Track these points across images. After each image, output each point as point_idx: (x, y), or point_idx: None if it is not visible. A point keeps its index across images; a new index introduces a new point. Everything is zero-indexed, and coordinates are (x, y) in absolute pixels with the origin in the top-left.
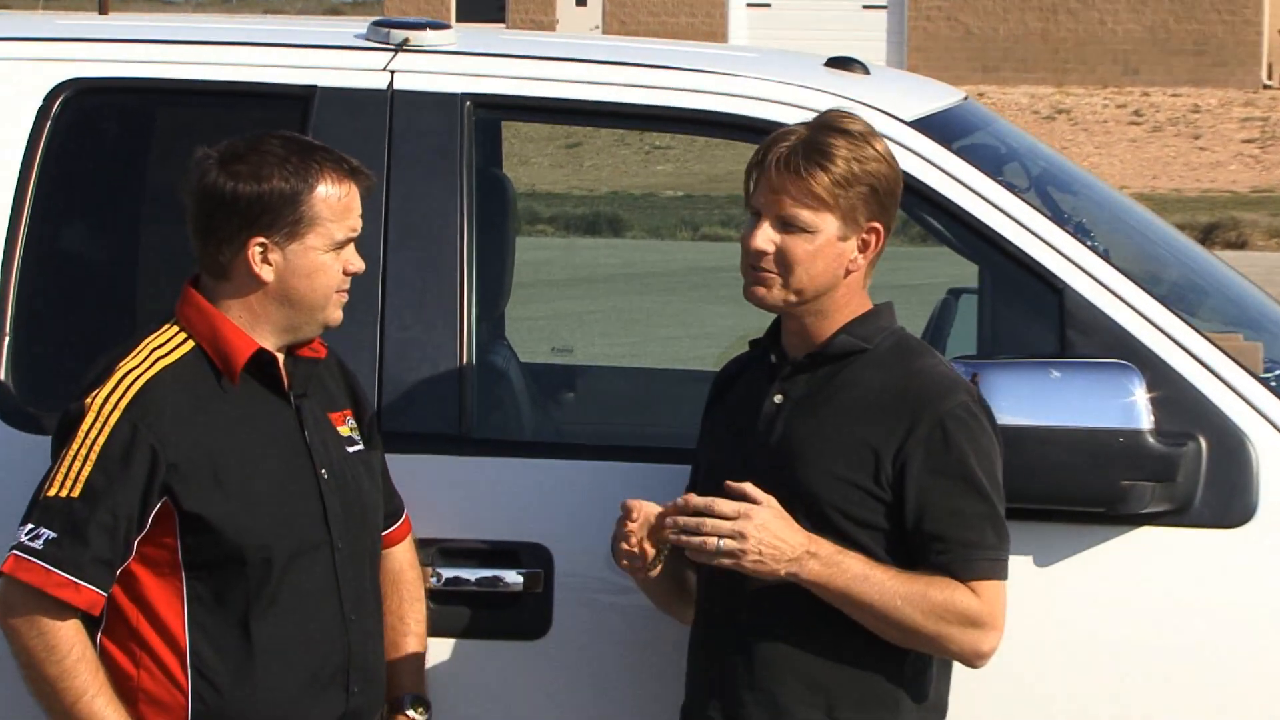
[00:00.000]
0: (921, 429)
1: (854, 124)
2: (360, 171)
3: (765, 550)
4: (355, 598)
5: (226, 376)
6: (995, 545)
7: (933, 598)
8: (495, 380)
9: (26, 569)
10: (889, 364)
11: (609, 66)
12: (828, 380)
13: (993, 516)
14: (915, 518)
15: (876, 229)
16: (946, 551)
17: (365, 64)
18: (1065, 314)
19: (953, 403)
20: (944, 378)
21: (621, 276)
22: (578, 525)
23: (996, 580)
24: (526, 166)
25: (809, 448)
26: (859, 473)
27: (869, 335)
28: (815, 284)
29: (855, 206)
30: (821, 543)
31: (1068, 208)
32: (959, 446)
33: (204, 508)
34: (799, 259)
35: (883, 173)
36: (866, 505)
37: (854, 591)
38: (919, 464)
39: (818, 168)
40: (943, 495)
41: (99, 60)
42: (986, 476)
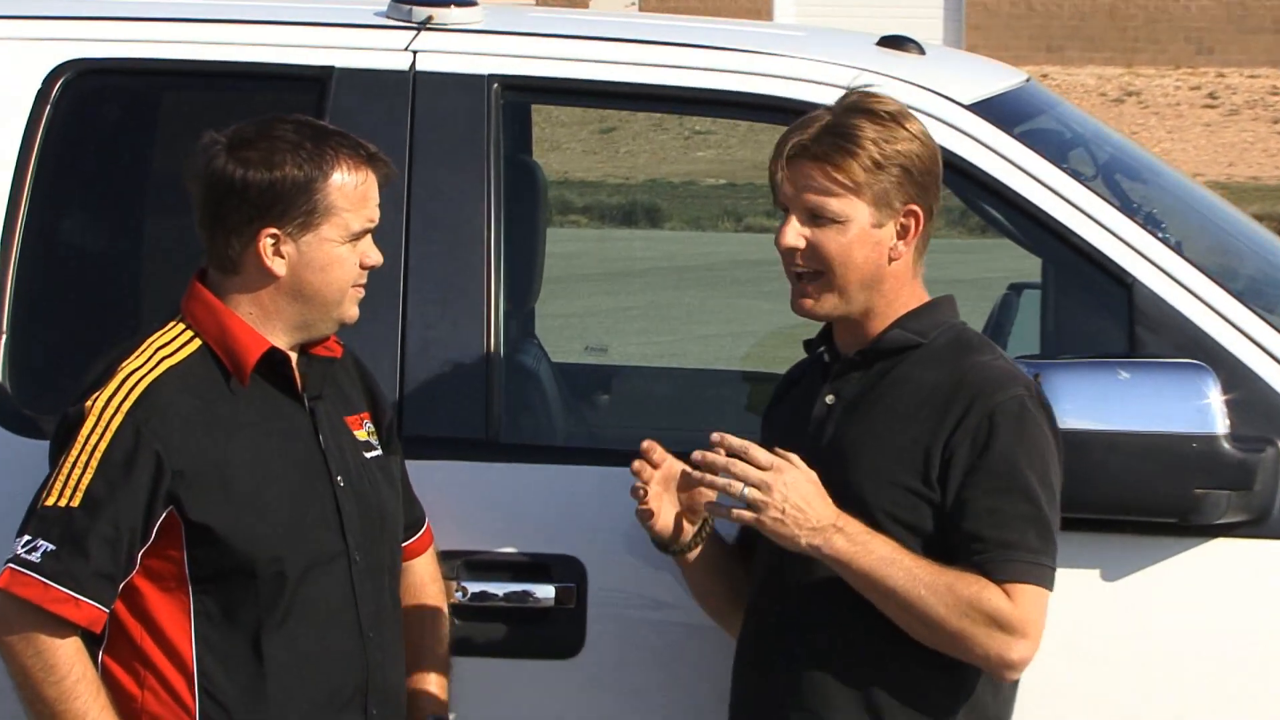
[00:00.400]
0: (969, 422)
1: (881, 104)
2: (378, 158)
3: (789, 511)
4: (374, 613)
5: (236, 377)
6: (1037, 549)
7: (959, 591)
8: (524, 381)
9: (23, 583)
10: (944, 360)
11: (646, 46)
12: (880, 378)
13: (1037, 519)
14: (954, 515)
15: (915, 211)
16: (982, 550)
17: (386, 43)
18: (1134, 311)
19: (1004, 396)
20: (999, 371)
21: (659, 270)
22: (613, 536)
23: (1034, 586)
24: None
25: (860, 450)
26: (909, 474)
27: (924, 330)
28: (859, 278)
29: (888, 190)
30: (851, 521)
31: (1137, 197)
32: (1006, 441)
33: (212, 517)
34: (833, 253)
35: (915, 152)
36: (917, 509)
37: (878, 574)
38: (963, 458)
39: (842, 152)
40: (983, 492)
41: (101, 40)
42: (1036, 477)
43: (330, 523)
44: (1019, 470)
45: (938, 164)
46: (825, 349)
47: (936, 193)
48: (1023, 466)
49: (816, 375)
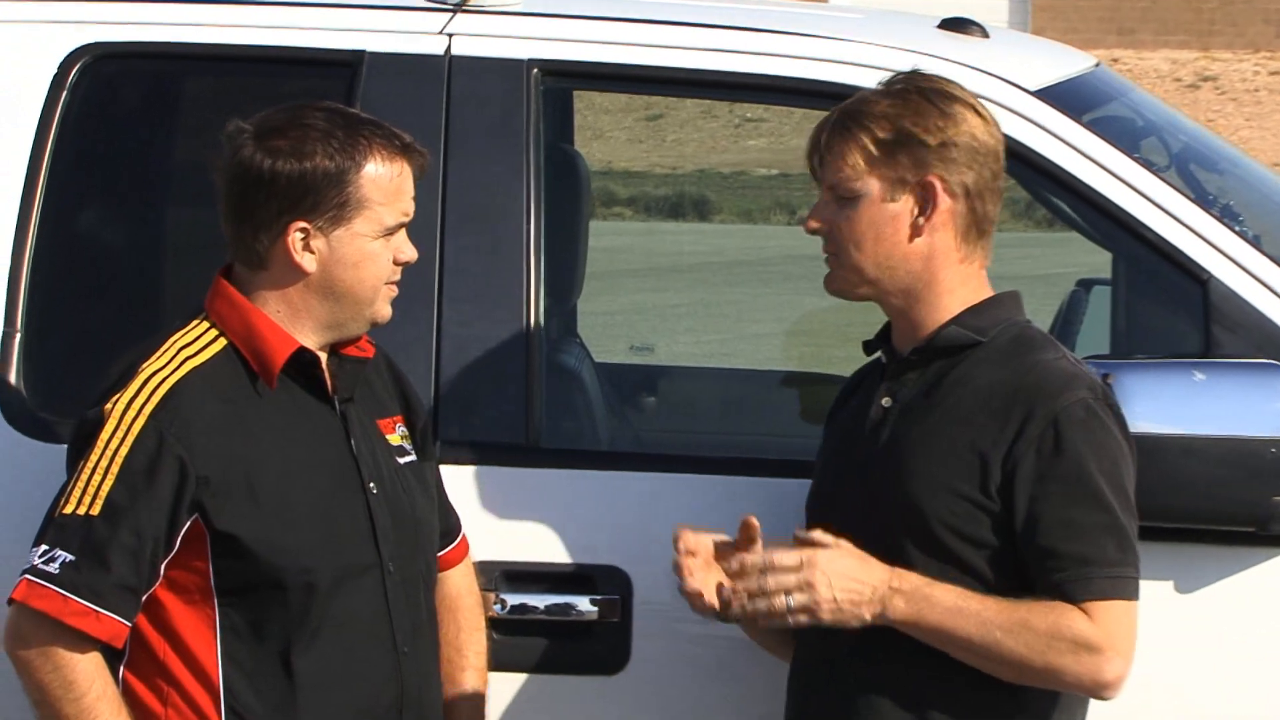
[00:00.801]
0: (1033, 429)
1: (919, 82)
2: (413, 148)
3: (841, 597)
4: (409, 627)
5: (263, 379)
6: (1118, 561)
7: (1036, 626)
8: (566, 383)
9: (41, 596)
10: (1005, 360)
11: (694, 28)
12: (939, 379)
13: (1114, 528)
14: (1026, 531)
15: (930, 183)
16: (1060, 569)
17: (419, 26)
18: (1210, 308)
19: (1070, 399)
20: (1062, 373)
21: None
22: (659, 546)
23: (1118, 600)
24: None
25: (915, 456)
26: (966, 482)
27: (983, 327)
28: (875, 258)
29: (902, 164)
30: (906, 576)
31: (1213, 188)
32: (1074, 447)
33: (239, 527)
34: (845, 232)
35: (938, 125)
36: (975, 519)
37: (948, 627)
38: (1029, 468)
39: (849, 129)
40: (1056, 504)
41: (120, 22)
42: (1108, 482)
43: (362, 532)
44: (1091, 477)
45: (979, 138)
46: (883, 351)
47: (980, 171)
48: (1094, 473)
49: (874, 380)
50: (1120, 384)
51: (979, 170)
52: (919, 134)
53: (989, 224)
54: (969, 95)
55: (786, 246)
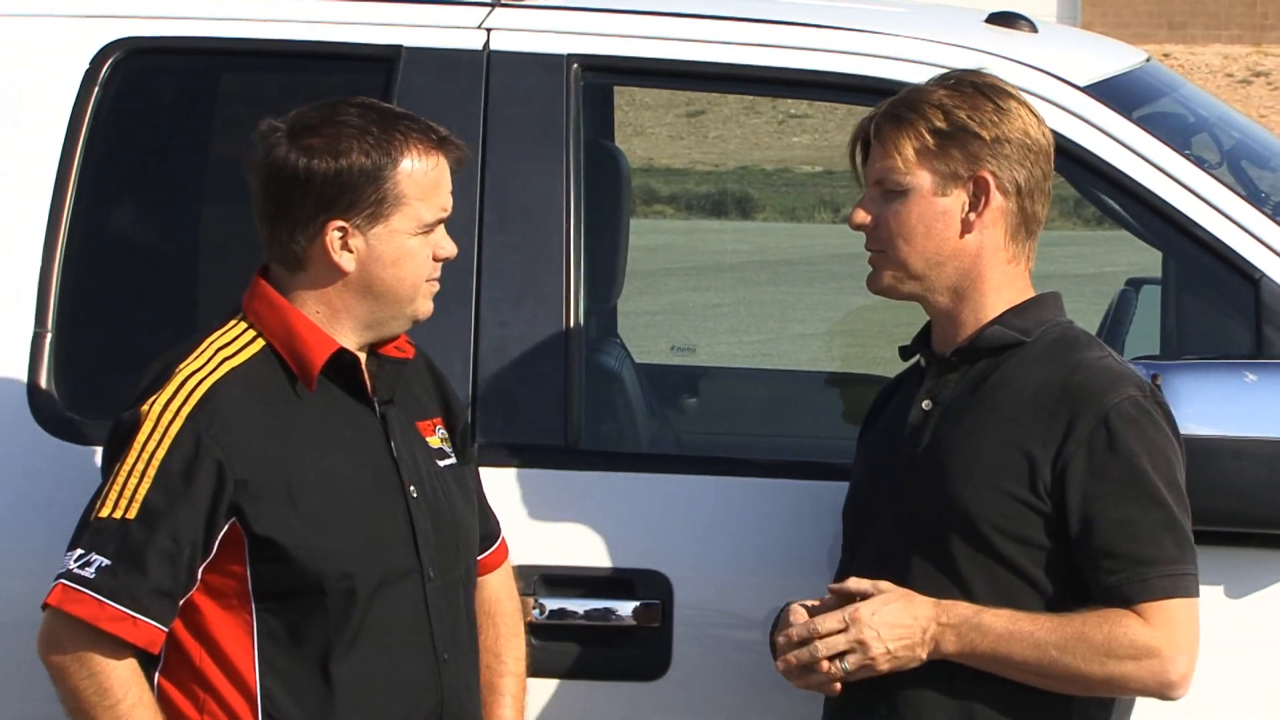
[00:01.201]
0: (1082, 428)
1: (972, 76)
2: (450, 141)
3: (894, 647)
4: (449, 633)
5: (302, 380)
6: (1176, 559)
7: (1092, 639)
8: (606, 384)
9: (76, 601)
10: (1049, 359)
11: (737, 23)
12: (980, 380)
13: (1171, 525)
14: (1080, 531)
15: (983, 178)
16: (1118, 570)
17: (457, 20)
18: (1262, 308)
19: (1119, 397)
20: (1109, 371)
21: (751, 264)
22: (701, 550)
23: (1179, 599)
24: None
25: (960, 457)
26: (1013, 483)
27: (1027, 327)
28: (922, 253)
29: (955, 158)
30: (952, 608)
31: (1266, 186)
32: (1126, 446)
33: (277, 531)
34: (894, 226)
35: (992, 121)
36: (1024, 519)
37: (1003, 653)
38: (1081, 468)
39: (901, 121)
40: (1110, 504)
41: (153, 17)
42: (1162, 479)
43: (403, 537)
44: (1145, 475)
45: (1030, 136)
46: (922, 354)
47: (1029, 169)
48: (1148, 470)
49: (913, 383)
50: (1170, 385)
51: (1030, 168)
52: (974, 127)
53: (1037, 225)
54: (1022, 94)
55: (831, 245)
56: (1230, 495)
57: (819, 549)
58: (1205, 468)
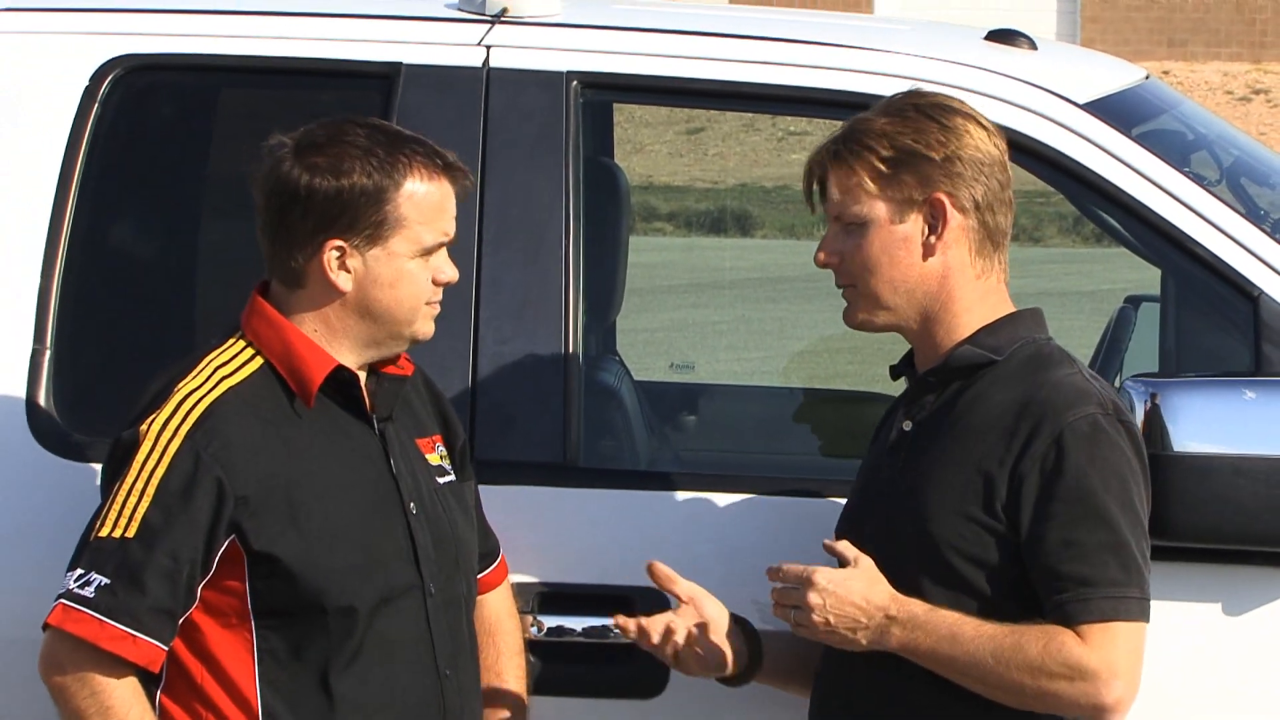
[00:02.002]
0: (1037, 445)
1: (914, 99)
2: (456, 168)
3: (834, 619)
4: (450, 650)
5: (301, 398)
6: (1120, 581)
7: (1027, 651)
8: (605, 401)
9: (76, 620)
10: (1019, 378)
11: (736, 40)
12: (953, 400)
13: (1117, 547)
14: (1029, 550)
15: (938, 199)
16: (1062, 590)
17: (457, 37)
18: (1261, 325)
19: (1075, 415)
20: (1073, 388)
21: (750, 282)
22: (699, 567)
23: (1120, 622)
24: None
25: (928, 479)
26: (973, 504)
27: (999, 345)
28: (890, 283)
29: (906, 183)
30: (907, 604)
31: (1265, 203)
32: (1076, 464)
33: (277, 548)
34: (857, 260)
35: (939, 141)
36: (981, 541)
37: (942, 654)
38: (1032, 486)
39: (850, 153)
40: (1057, 523)
41: (153, 33)
42: (1114, 500)
43: (403, 553)
44: (1093, 495)
45: (982, 150)
46: (906, 375)
47: (988, 182)
48: (1097, 490)
49: (900, 403)
50: (1169, 402)
51: (986, 182)
52: (921, 149)
53: (1002, 236)
54: (967, 107)
55: None
56: (1229, 513)
57: (816, 566)
58: (1204, 485)
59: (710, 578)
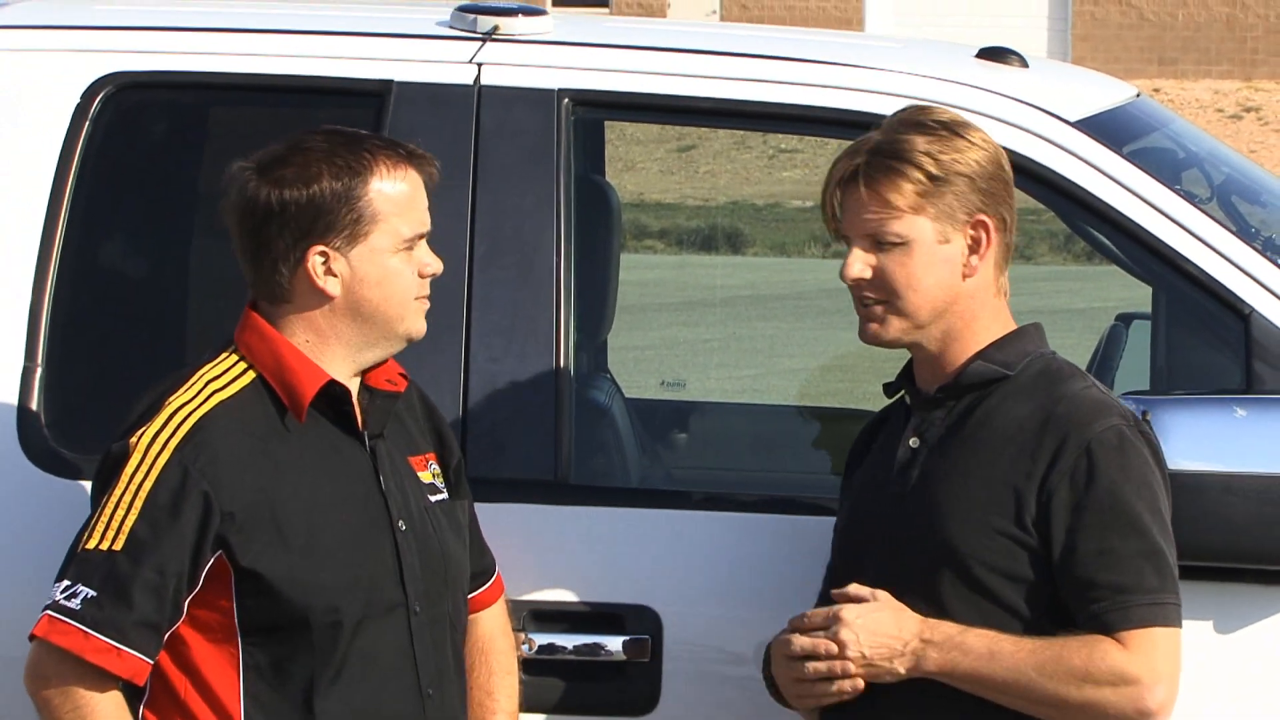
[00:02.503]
0: (1065, 459)
1: (933, 115)
2: (418, 155)
3: (870, 653)
4: (434, 669)
5: (292, 412)
6: (1156, 588)
7: (1071, 662)
8: (596, 419)
9: (62, 632)
10: (1033, 392)
11: (727, 58)
12: (966, 416)
13: (1152, 553)
14: (1062, 562)
15: (984, 222)
16: (1098, 599)
17: (448, 55)
18: (1252, 343)
19: (1102, 426)
20: (1093, 401)
21: (741, 299)
22: (690, 585)
23: (1158, 627)
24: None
25: (948, 495)
26: (999, 517)
27: (1009, 360)
28: (930, 302)
29: (950, 204)
30: (938, 626)
31: (1256, 221)
32: (1108, 475)
33: (264, 564)
34: (900, 278)
35: (975, 159)
36: (1012, 555)
37: (983, 674)
38: (1064, 499)
39: (893, 172)
40: (1091, 533)
41: (144, 51)
42: (1145, 508)
43: (389, 571)
44: (1127, 504)
45: (1003, 168)
46: (906, 391)
47: (1008, 200)
48: (1130, 499)
49: (899, 419)
50: (1160, 420)
51: (1009, 200)
52: (963, 169)
53: (1011, 253)
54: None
55: (821, 280)
56: (1220, 530)
57: (808, 584)
58: (1195, 503)
59: (702, 596)
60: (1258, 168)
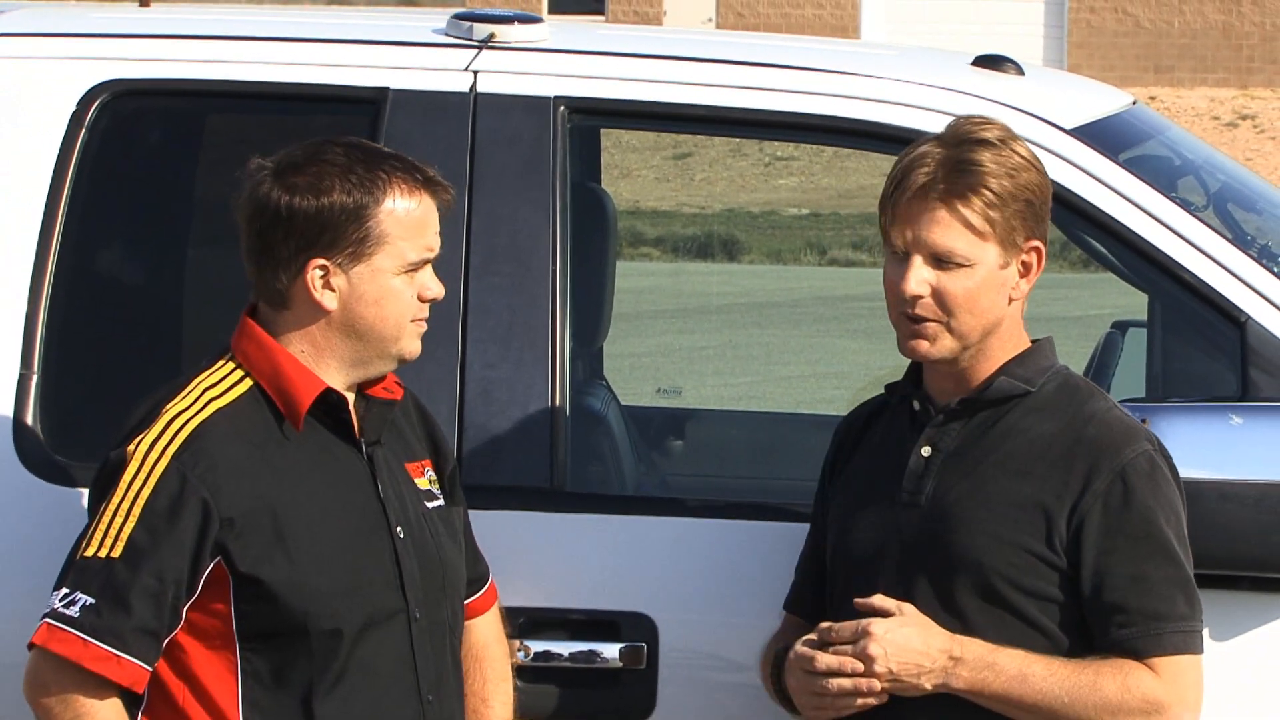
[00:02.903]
0: (1099, 483)
1: (992, 130)
2: (436, 182)
3: (896, 667)
4: (434, 676)
5: (289, 420)
6: (1187, 615)
7: (1104, 688)
8: (592, 426)
9: (61, 640)
10: (1056, 409)
11: (723, 65)
12: (986, 429)
13: (1183, 581)
14: (1094, 585)
15: (1038, 248)
16: (1129, 624)
17: (445, 63)
18: (1248, 350)
19: (1134, 452)
20: (1121, 424)
21: (737, 307)
22: (686, 592)
23: (1188, 655)
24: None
25: (968, 509)
26: (1028, 536)
27: (1031, 376)
28: (982, 324)
29: (1014, 227)
30: (968, 644)
31: (1251, 229)
32: (1143, 502)
33: (263, 570)
34: (960, 300)
35: (1035, 182)
36: (1038, 573)
37: (1014, 695)
38: (1097, 523)
39: (969, 190)
40: (1125, 559)
41: (140, 59)
42: (1175, 535)
43: (389, 578)
44: (1159, 531)
45: (1048, 189)
46: (918, 399)
47: (1049, 221)
48: (1163, 526)
49: (903, 423)
50: (1156, 428)
51: (1049, 220)
52: (1025, 194)
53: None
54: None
55: (816, 287)
56: (1217, 538)
57: None
58: (1193, 510)
59: (698, 604)
60: (1253, 175)
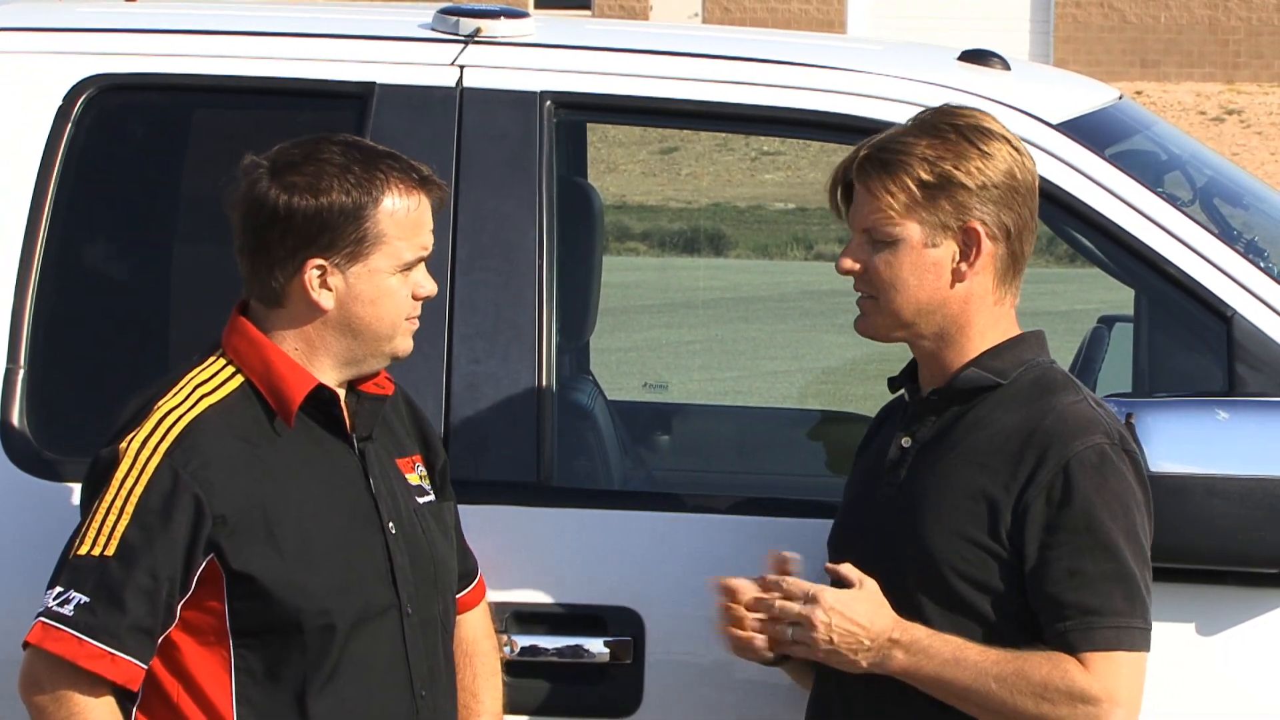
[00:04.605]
0: (1044, 474)
1: (952, 119)
2: (431, 181)
3: (837, 639)
4: (427, 671)
5: (281, 416)
6: (1124, 611)
7: (1031, 677)
8: (578, 421)
9: (55, 639)
10: (1023, 402)
11: (710, 60)
12: (956, 421)
13: (1122, 577)
14: (1033, 578)
15: (974, 229)
16: (1065, 618)
17: (430, 57)
18: (1234, 345)
19: (1083, 445)
20: (1080, 417)
21: (723, 301)
22: (673, 587)
23: (1123, 651)
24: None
25: (929, 499)
26: (976, 527)
27: (1004, 369)
28: (913, 303)
29: (940, 207)
30: (910, 628)
31: (1238, 223)
32: (1083, 494)
33: (255, 567)
34: (884, 276)
35: (980, 168)
36: (984, 565)
37: (945, 678)
38: (1038, 515)
39: (886, 169)
40: (1064, 553)
41: (126, 54)
42: (1120, 530)
43: (381, 573)
44: (1100, 525)
45: (1016, 178)
46: (906, 389)
47: (1017, 210)
48: (1104, 521)
49: (899, 415)
50: (1142, 423)
51: (1018, 210)
52: (960, 177)
53: (1024, 262)
54: (1004, 129)
55: (803, 282)
56: (1203, 533)
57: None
58: (1177, 505)
59: (684, 598)
60: (1240, 170)
